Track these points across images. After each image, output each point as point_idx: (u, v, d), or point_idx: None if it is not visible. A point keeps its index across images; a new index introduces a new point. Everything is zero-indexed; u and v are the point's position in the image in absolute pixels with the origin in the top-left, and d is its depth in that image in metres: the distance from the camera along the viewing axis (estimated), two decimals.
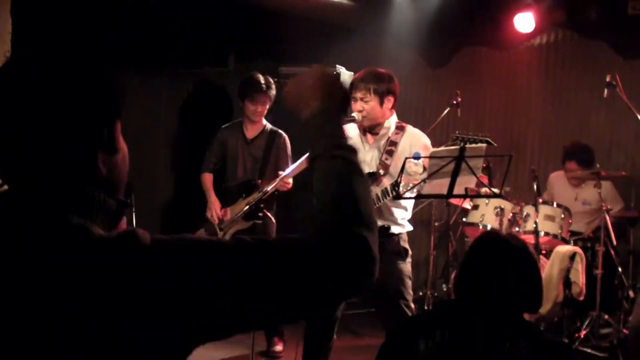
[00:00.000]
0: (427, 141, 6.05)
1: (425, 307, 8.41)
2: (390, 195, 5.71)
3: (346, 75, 7.77)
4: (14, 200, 1.67)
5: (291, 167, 6.27)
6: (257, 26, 9.32)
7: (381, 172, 5.89)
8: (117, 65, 1.83)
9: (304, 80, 2.17)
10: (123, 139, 1.85)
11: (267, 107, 7.63)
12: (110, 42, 7.87)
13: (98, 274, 1.59)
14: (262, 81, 7.52)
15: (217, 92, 10.49)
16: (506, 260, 3.38)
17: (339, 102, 2.14)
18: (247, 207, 6.14)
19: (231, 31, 9.88)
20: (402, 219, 6.04)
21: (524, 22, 9.53)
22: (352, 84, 6.09)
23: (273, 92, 7.60)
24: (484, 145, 5.44)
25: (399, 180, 5.53)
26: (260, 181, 7.44)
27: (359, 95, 5.91)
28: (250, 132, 7.72)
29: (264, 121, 7.73)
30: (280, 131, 7.71)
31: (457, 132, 5.61)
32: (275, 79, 8.15)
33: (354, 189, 1.90)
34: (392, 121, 6.05)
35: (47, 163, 1.68)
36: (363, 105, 5.90)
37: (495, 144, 5.38)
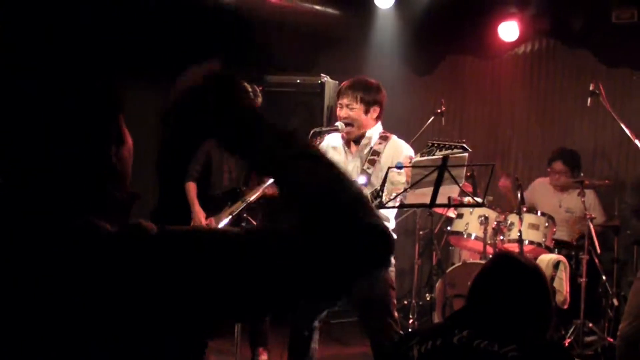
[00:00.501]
0: (410, 152, 6.05)
1: (410, 316, 8.40)
2: (372, 203, 5.70)
3: (331, 84, 7.84)
4: (23, 198, 1.65)
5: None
6: (242, 35, 9.32)
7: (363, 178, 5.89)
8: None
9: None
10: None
11: None
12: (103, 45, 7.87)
13: (109, 270, 1.59)
14: (249, 90, 7.50)
15: None
16: (519, 281, 3.38)
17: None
18: (231, 217, 6.15)
19: (217, 39, 9.88)
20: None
21: (508, 30, 9.57)
22: (338, 91, 6.13)
23: (259, 100, 7.58)
24: (466, 154, 5.45)
25: (380, 190, 5.53)
26: (245, 189, 7.42)
27: (345, 101, 5.93)
28: None
29: None
30: None
31: (432, 140, 5.62)
32: (262, 88, 8.15)
33: (340, 177, 1.82)
34: (374, 131, 6.06)
35: (60, 159, 1.66)
36: (348, 112, 5.91)
37: (470, 150, 5.37)
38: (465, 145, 5.48)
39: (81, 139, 1.68)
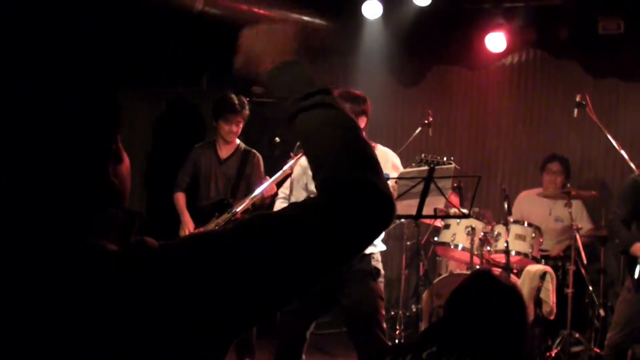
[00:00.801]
0: (396, 160, 6.07)
1: (397, 327, 8.41)
2: None
3: None
4: (25, 222, 1.60)
5: (260, 188, 6.28)
6: (230, 45, 9.32)
7: None
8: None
9: (282, 29, 2.08)
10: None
11: (241, 126, 7.61)
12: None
13: (116, 291, 1.55)
14: (236, 101, 7.51)
15: (190, 111, 10.47)
16: (496, 299, 3.37)
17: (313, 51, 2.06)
18: (217, 228, 6.14)
19: (205, 50, 9.88)
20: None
21: (496, 41, 9.59)
22: None
23: (246, 112, 7.59)
24: (453, 166, 5.47)
25: None
26: (232, 200, 7.43)
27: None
28: (224, 151, 7.71)
29: (238, 141, 7.72)
30: (253, 151, 7.71)
31: (422, 154, 5.64)
32: (248, 99, 8.15)
33: (352, 134, 1.89)
34: None
35: (60, 180, 1.61)
36: None
37: (459, 167, 5.40)
38: (453, 162, 5.51)
39: (82, 159, 1.64)
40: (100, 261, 1.58)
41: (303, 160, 6.14)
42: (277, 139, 8.21)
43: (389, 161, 6.03)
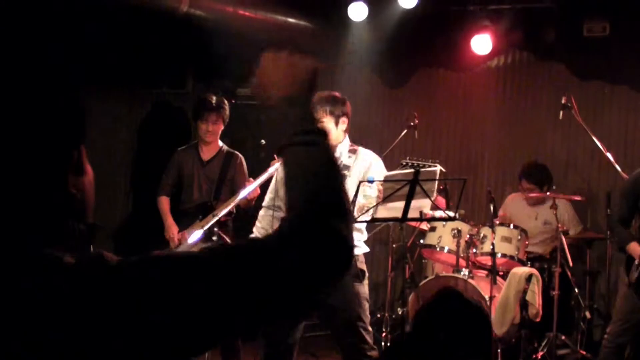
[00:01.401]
0: (380, 164, 6.07)
1: (383, 329, 8.40)
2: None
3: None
4: None
5: (245, 191, 6.27)
6: (215, 48, 9.31)
7: None
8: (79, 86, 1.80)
9: (291, 63, 2.12)
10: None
11: (220, 126, 7.56)
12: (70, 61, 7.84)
13: (71, 303, 1.54)
14: (213, 100, 7.48)
15: (175, 113, 10.46)
16: (461, 316, 3.36)
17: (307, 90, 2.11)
18: (202, 231, 6.12)
19: (189, 52, 9.86)
20: (358, 241, 6.04)
21: (481, 44, 9.58)
22: None
23: (225, 112, 7.54)
24: (438, 168, 5.46)
25: (352, 204, 5.52)
26: (216, 203, 7.39)
27: (315, 116, 5.91)
28: (206, 153, 7.66)
29: (220, 143, 7.68)
30: (236, 153, 7.67)
31: (407, 158, 5.63)
32: (233, 101, 8.13)
33: (330, 177, 1.90)
34: (344, 145, 6.07)
35: (16, 190, 1.61)
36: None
37: (444, 170, 5.39)
38: (439, 166, 5.51)
39: (39, 169, 1.64)
40: (54, 272, 1.57)
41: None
42: (263, 141, 8.17)
43: (373, 164, 6.03)
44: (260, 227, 6.35)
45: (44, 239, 1.63)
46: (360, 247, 6.07)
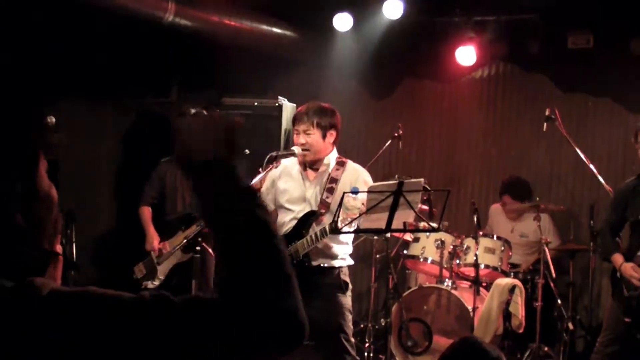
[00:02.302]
0: (367, 177, 6.07)
1: (366, 340, 8.40)
2: (328, 234, 5.69)
3: (289, 107, 7.84)
4: None
5: None
6: (201, 57, 9.30)
7: (322, 211, 5.90)
8: (58, 95, 1.81)
9: (214, 123, 2.03)
10: (48, 177, 1.80)
11: None
12: (50, 70, 7.83)
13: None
14: (191, 112, 7.46)
15: (159, 123, 10.42)
16: None
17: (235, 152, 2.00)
18: (185, 241, 6.10)
19: (175, 61, 9.85)
20: (343, 253, 6.05)
21: (466, 55, 9.60)
22: (294, 117, 6.14)
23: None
24: (422, 180, 5.48)
25: (336, 216, 5.52)
26: (199, 214, 7.36)
27: (302, 127, 5.92)
28: None
29: None
30: None
31: (396, 175, 5.67)
32: (218, 110, 8.10)
33: (266, 243, 1.82)
34: (332, 157, 6.06)
35: None
36: (306, 138, 5.91)
37: (430, 189, 5.43)
38: (426, 186, 5.56)
39: None
40: None
41: (272, 174, 6.12)
42: (246, 151, 8.17)
43: (361, 178, 6.03)
44: None
45: None
46: (345, 260, 6.07)
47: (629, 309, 6.51)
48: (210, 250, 7.16)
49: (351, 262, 6.14)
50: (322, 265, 5.92)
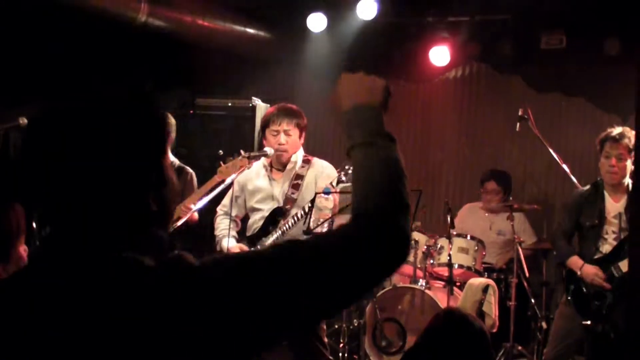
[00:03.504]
0: (331, 172, 6.10)
1: (341, 340, 8.39)
2: (292, 228, 5.74)
3: (262, 108, 7.84)
4: (66, 243, 1.78)
5: (201, 202, 6.26)
6: (174, 58, 9.28)
7: (287, 207, 5.92)
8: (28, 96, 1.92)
9: (362, 80, 2.29)
10: None
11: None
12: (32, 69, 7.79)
13: (154, 302, 1.67)
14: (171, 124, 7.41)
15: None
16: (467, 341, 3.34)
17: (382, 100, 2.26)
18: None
19: (148, 62, 9.81)
20: None
21: (439, 55, 9.62)
22: (268, 117, 6.15)
23: (173, 135, 7.44)
24: None
25: (308, 215, 5.54)
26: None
27: (283, 127, 5.98)
28: None
29: (172, 157, 7.59)
30: (187, 168, 7.54)
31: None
32: (191, 111, 8.08)
33: (394, 177, 2.04)
34: (299, 155, 6.10)
35: (101, 207, 1.78)
36: (287, 138, 5.95)
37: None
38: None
39: (122, 188, 1.80)
40: (136, 274, 1.72)
41: (240, 178, 6.15)
42: (221, 152, 8.16)
43: (325, 172, 6.08)
44: (222, 230, 6.38)
45: (129, 246, 1.77)
46: None
47: (588, 311, 6.50)
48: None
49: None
50: None
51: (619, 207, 6.50)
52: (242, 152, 6.17)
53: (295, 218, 5.84)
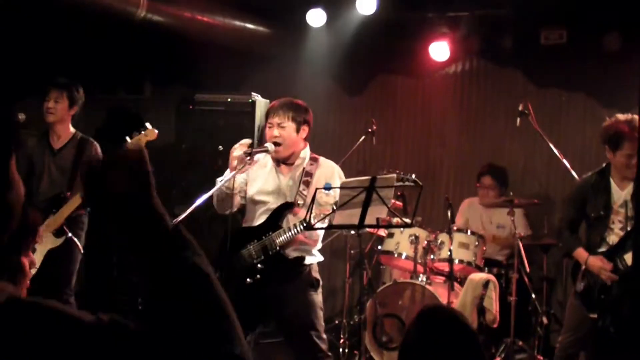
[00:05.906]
0: (340, 173, 6.07)
1: (341, 336, 8.39)
2: (303, 227, 5.69)
3: (262, 103, 7.82)
4: None
5: (201, 198, 6.22)
6: (173, 53, 9.26)
7: (300, 202, 5.88)
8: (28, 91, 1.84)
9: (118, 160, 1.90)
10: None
11: (65, 107, 7.35)
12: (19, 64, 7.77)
13: None
14: (61, 79, 7.37)
15: (132, 119, 10.36)
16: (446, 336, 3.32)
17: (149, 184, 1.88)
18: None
19: (147, 57, 9.79)
20: (314, 250, 6.05)
21: (439, 50, 9.61)
22: (268, 111, 6.13)
23: (74, 93, 7.39)
24: (394, 175, 5.48)
25: (309, 213, 5.51)
26: (69, 194, 7.11)
27: (275, 120, 5.92)
28: (57, 141, 7.40)
29: (72, 129, 7.45)
30: (91, 139, 7.43)
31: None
32: (191, 106, 8.05)
33: (214, 297, 1.79)
34: (306, 152, 6.06)
35: None
36: (280, 131, 5.90)
37: (403, 183, 5.45)
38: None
39: None
40: None
41: (245, 174, 6.10)
42: (221, 148, 8.15)
43: (334, 173, 6.03)
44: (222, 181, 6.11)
45: None
46: (315, 256, 6.07)
47: (592, 302, 6.47)
48: (78, 243, 7.07)
49: (321, 258, 6.15)
50: (297, 257, 5.91)
51: (625, 195, 6.45)
52: (148, 125, 6.11)
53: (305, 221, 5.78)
